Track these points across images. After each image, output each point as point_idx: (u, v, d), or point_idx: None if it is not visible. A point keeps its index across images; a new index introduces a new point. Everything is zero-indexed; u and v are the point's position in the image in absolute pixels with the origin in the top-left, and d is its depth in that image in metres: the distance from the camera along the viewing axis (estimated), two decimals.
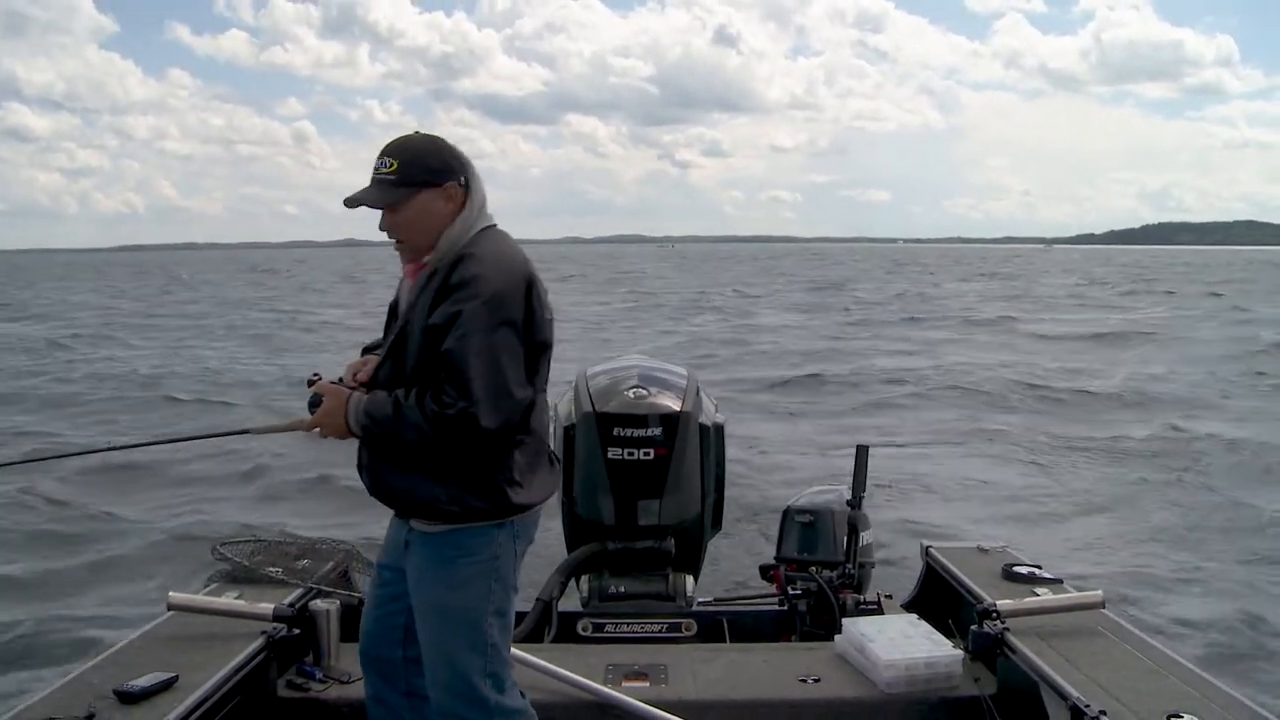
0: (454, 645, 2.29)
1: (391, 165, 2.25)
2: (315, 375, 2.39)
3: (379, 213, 2.30)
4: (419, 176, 2.25)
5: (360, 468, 2.38)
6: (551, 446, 3.56)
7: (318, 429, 2.32)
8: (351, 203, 2.26)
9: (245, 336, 23.33)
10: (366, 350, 2.51)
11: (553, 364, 2.39)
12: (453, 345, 2.14)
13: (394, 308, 2.39)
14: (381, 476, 2.34)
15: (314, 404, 2.34)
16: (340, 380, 2.37)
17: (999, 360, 17.18)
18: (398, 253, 2.35)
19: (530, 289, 2.25)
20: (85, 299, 40.65)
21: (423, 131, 2.39)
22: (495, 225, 2.35)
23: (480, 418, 2.13)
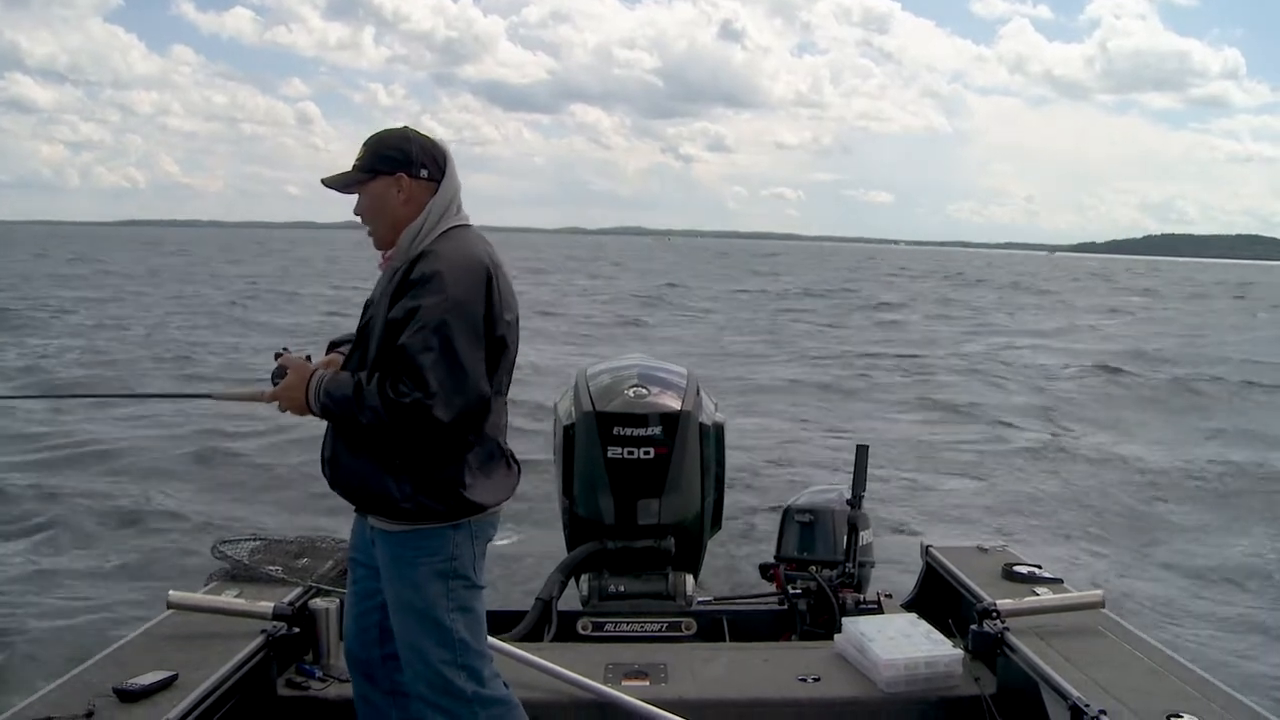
0: (422, 642, 2.32)
1: (360, 153, 2.36)
2: (284, 349, 2.43)
3: None
4: (374, 164, 2.34)
5: (323, 460, 2.42)
6: (554, 445, 3.53)
7: (278, 402, 2.36)
8: (324, 183, 2.37)
9: None
10: (332, 345, 2.55)
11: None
12: (408, 340, 2.17)
13: (368, 301, 2.43)
14: (341, 469, 2.36)
15: (277, 376, 2.37)
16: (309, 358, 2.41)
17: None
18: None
19: (490, 286, 2.26)
20: None
21: (415, 123, 2.49)
22: (468, 226, 2.37)
23: (434, 409, 2.16)
